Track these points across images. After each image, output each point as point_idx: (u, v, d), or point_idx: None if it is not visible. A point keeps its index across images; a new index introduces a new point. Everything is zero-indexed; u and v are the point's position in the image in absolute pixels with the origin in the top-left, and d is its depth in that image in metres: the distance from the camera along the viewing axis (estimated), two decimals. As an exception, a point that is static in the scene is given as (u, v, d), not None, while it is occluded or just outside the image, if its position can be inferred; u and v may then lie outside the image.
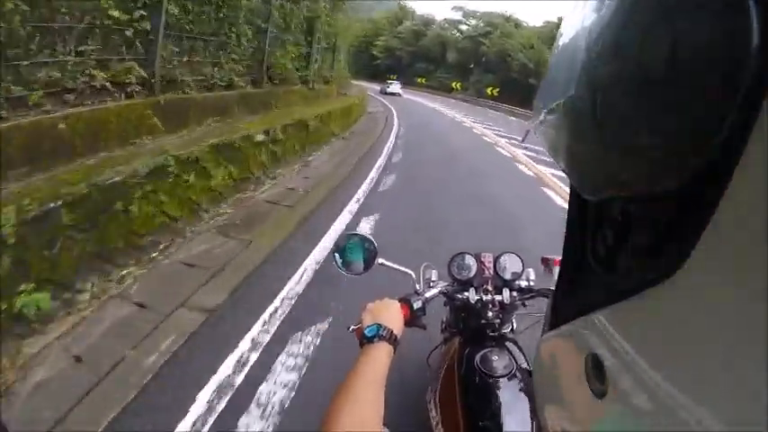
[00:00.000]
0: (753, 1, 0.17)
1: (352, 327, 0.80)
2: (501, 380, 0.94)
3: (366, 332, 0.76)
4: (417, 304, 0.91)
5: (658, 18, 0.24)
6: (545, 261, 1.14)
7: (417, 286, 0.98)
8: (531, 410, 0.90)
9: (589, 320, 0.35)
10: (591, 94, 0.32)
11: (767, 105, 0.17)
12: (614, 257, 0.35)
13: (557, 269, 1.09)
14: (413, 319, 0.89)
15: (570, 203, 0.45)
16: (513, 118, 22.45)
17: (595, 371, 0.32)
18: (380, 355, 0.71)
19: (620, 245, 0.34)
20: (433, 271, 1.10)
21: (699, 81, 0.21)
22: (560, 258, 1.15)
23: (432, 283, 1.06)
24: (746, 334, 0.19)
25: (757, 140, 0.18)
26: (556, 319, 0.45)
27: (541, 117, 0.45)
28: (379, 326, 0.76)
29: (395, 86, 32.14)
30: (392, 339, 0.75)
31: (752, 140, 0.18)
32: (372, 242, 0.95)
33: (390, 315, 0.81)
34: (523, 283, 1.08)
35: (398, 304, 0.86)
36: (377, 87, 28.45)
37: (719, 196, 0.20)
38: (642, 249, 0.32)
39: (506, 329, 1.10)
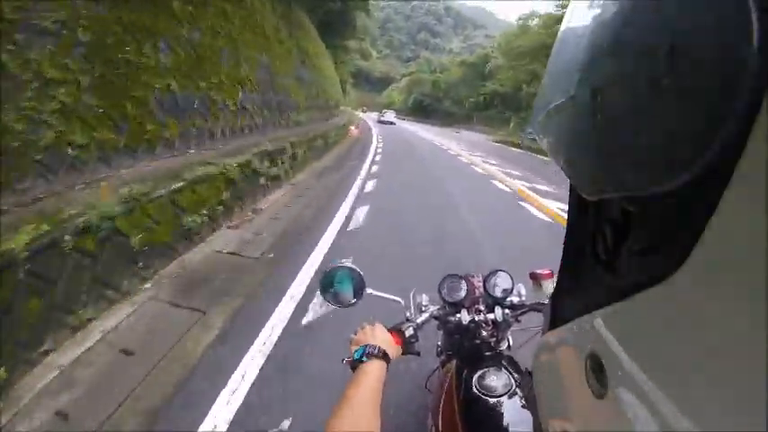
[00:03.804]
0: (753, 1, 0.18)
1: (345, 359, 0.80)
2: (501, 399, 0.92)
3: (355, 355, 0.76)
4: (409, 332, 0.91)
5: (658, 18, 0.24)
6: (533, 276, 1.14)
7: (408, 313, 0.98)
8: (534, 427, 0.87)
9: (589, 320, 0.35)
10: (591, 95, 0.32)
11: (767, 105, 0.17)
12: (614, 257, 0.35)
13: (546, 283, 1.10)
14: (406, 346, 0.90)
15: (570, 203, 0.45)
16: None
17: (595, 371, 0.32)
18: (372, 371, 0.72)
19: (619, 245, 0.34)
20: (424, 295, 1.10)
21: (699, 81, 0.21)
22: (548, 272, 1.12)
23: (423, 308, 1.06)
24: (746, 334, 0.19)
25: (757, 140, 0.18)
26: (556, 319, 0.45)
27: (541, 117, 0.45)
28: (365, 345, 0.77)
29: (389, 115, 34.88)
30: (382, 355, 0.76)
31: (752, 140, 0.18)
32: (358, 272, 0.95)
33: (377, 337, 0.82)
34: (515, 299, 1.08)
35: (385, 330, 0.87)
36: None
37: (719, 196, 0.20)
38: (642, 249, 0.32)
39: (503, 347, 1.09)
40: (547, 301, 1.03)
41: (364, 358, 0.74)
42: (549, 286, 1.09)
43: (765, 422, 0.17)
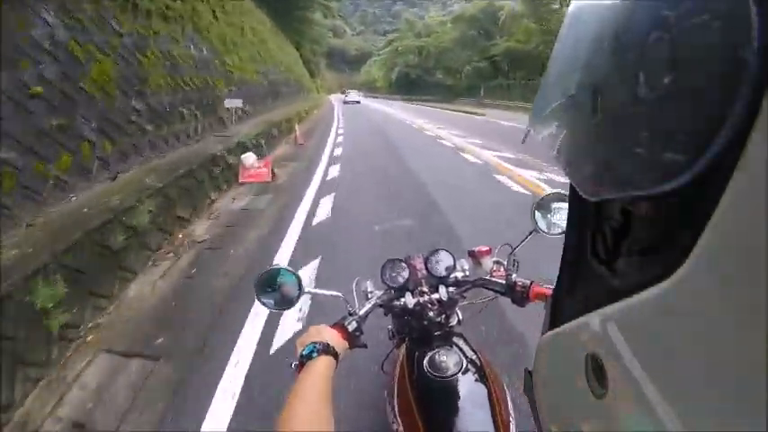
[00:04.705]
0: (753, 1, 0.17)
1: (293, 363, 0.79)
2: (453, 378, 0.93)
3: (303, 352, 0.75)
4: (352, 326, 0.90)
5: (659, 18, 0.24)
6: (471, 253, 1.17)
7: (349, 307, 0.97)
8: (488, 399, 0.90)
9: (589, 320, 0.35)
10: (591, 94, 0.31)
11: (767, 105, 0.17)
12: (614, 257, 0.35)
13: (485, 260, 1.13)
14: (352, 340, 0.89)
15: (570, 203, 0.45)
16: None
17: (595, 371, 0.32)
18: (319, 367, 0.72)
19: (620, 244, 0.34)
20: (368, 282, 1.10)
21: (699, 81, 0.21)
22: (486, 249, 1.17)
23: (369, 295, 1.06)
24: (746, 335, 0.19)
25: (757, 140, 0.18)
26: (556, 319, 0.45)
27: (541, 117, 0.45)
28: (314, 342, 0.76)
29: (353, 95, 35.18)
30: (330, 351, 0.76)
31: (752, 140, 0.18)
32: (294, 272, 0.94)
33: (323, 335, 0.81)
34: (459, 275, 1.08)
35: (329, 328, 0.86)
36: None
37: (719, 196, 0.20)
38: (642, 249, 0.32)
39: (453, 323, 1.10)
40: (488, 276, 1.08)
41: (314, 354, 0.74)
42: (488, 262, 1.12)
43: (766, 422, 0.17)
